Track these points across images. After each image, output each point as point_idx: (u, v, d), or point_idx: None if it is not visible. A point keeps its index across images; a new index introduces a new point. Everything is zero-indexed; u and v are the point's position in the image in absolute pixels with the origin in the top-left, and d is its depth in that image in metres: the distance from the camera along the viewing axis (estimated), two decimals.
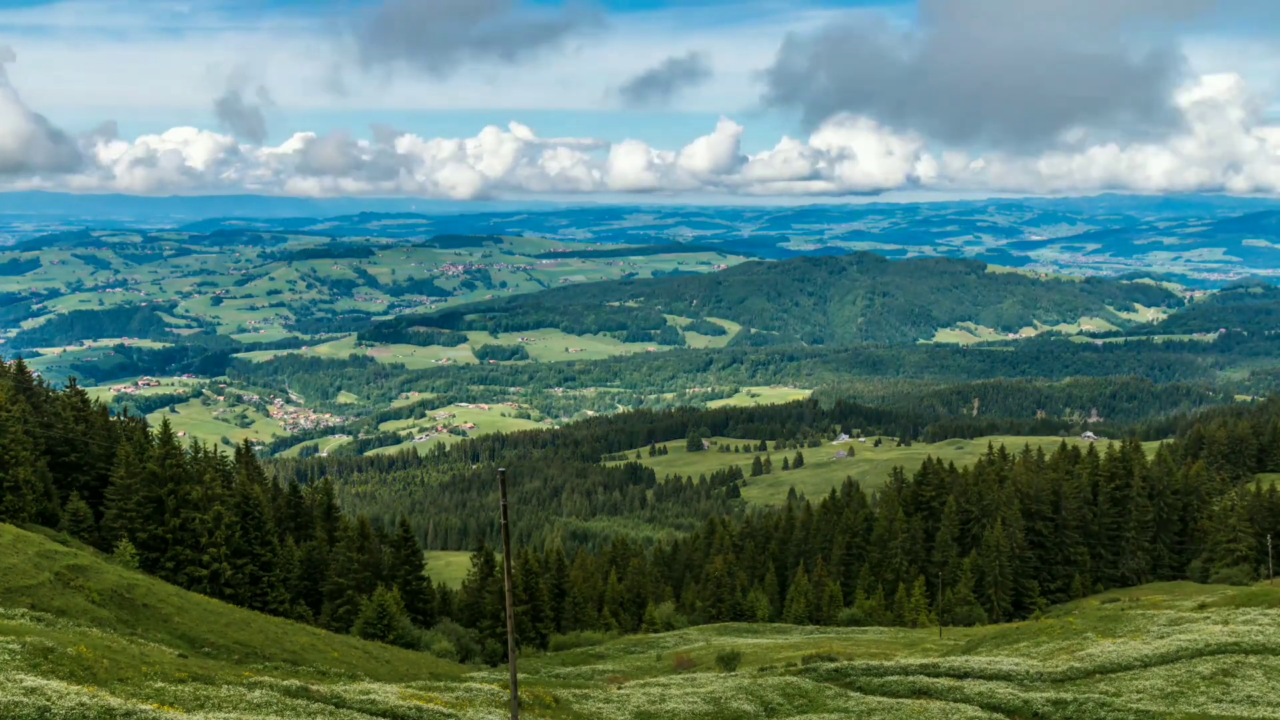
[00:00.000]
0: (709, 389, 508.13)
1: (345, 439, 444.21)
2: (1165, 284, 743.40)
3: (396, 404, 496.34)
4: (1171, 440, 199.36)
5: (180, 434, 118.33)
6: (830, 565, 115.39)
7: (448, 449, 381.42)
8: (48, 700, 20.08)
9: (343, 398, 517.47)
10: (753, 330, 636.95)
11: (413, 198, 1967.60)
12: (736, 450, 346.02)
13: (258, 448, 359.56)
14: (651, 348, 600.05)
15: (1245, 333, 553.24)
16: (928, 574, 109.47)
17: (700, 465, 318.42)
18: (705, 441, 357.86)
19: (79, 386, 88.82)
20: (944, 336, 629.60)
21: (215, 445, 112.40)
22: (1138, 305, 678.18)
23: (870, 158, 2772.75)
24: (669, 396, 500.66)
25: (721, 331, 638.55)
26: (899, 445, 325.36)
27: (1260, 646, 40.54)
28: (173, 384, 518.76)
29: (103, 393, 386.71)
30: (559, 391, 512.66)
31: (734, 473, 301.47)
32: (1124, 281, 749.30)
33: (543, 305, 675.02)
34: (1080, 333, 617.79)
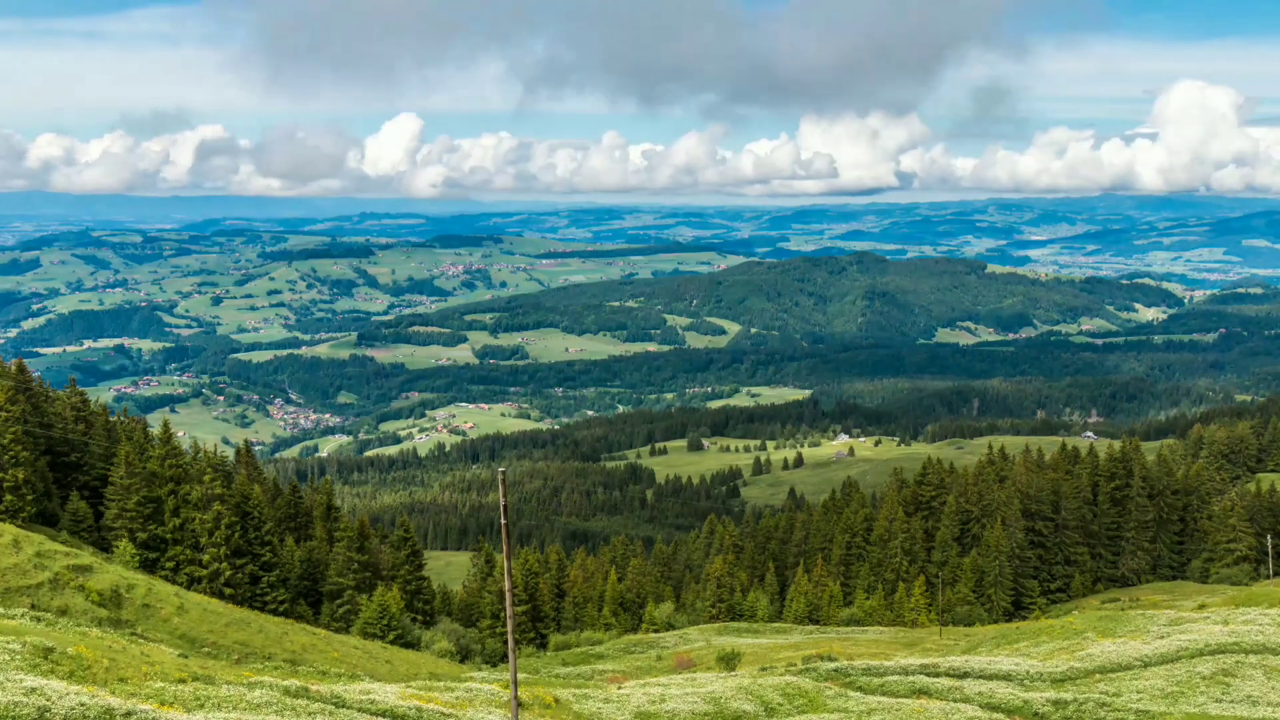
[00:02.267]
0: (709, 389, 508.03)
1: (345, 439, 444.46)
2: (1165, 284, 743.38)
3: (396, 404, 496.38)
4: (1171, 440, 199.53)
5: (180, 434, 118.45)
6: (830, 565, 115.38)
7: (448, 449, 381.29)
8: (48, 700, 20.08)
9: (343, 398, 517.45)
10: (753, 330, 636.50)
11: (410, 199, 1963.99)
12: (736, 450, 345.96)
13: (258, 448, 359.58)
14: (651, 348, 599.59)
15: (1245, 333, 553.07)
16: (928, 574, 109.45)
17: (700, 465, 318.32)
18: (705, 441, 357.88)
19: (79, 386, 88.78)
20: (944, 336, 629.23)
21: (215, 445, 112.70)
22: (1138, 305, 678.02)
23: (857, 154, 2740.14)
24: (669, 396, 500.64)
25: (721, 331, 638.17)
26: (899, 445, 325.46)
27: (1260, 646, 40.57)
28: (173, 384, 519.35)
29: (103, 393, 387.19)
30: (559, 391, 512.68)
31: (734, 473, 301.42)
32: (1124, 281, 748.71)
33: (543, 305, 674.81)
34: (1080, 333, 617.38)
